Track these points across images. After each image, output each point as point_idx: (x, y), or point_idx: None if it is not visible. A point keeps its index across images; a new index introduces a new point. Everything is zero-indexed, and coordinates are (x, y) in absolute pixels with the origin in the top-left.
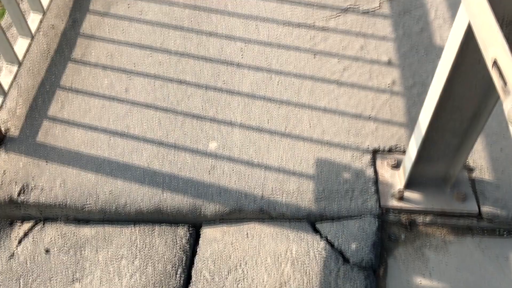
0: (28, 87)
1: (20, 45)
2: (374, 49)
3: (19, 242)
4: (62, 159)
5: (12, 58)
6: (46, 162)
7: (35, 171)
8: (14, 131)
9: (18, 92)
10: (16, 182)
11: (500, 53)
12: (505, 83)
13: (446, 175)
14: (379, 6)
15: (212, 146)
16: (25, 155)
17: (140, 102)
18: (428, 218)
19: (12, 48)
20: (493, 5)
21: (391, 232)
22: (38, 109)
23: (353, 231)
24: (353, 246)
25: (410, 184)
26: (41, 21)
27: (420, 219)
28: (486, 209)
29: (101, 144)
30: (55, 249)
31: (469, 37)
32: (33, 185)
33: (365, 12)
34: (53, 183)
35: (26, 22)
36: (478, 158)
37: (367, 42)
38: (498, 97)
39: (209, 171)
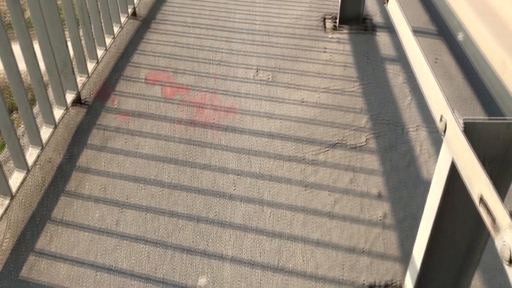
0: (18, 220)
1: (15, 179)
2: (363, 182)
3: None
4: None
5: (5, 191)
6: None
7: None
8: None
9: (7, 225)
10: None
11: (485, 190)
12: (493, 219)
13: None
14: (366, 141)
15: (202, 281)
16: None
17: (130, 235)
18: None
19: (7, 182)
20: (473, 144)
21: None
22: (25, 242)
23: None
24: None
25: None
26: (38, 156)
27: None
28: None
29: (86, 279)
30: None
31: (454, 173)
32: None
33: (353, 147)
34: None
35: (24, 156)
36: None
37: (356, 175)
38: (489, 233)
39: None
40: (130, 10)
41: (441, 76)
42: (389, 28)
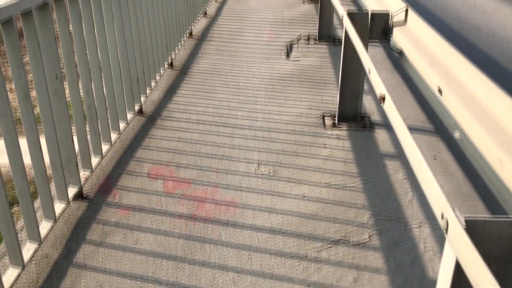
0: None
1: (9, 275)
2: (368, 281)
3: None
4: None
5: None
6: None
7: None
8: None
9: None
10: None
11: None
12: None
13: None
14: (369, 238)
15: None
16: None
17: None
18: None
19: (0, 279)
20: (476, 243)
21: None
22: None
23: None
24: None
25: None
26: (35, 251)
27: None
28: None
29: None
30: None
31: (459, 272)
32: None
33: (356, 244)
34: None
35: (20, 252)
36: None
37: (361, 274)
38: None
39: None
40: (136, 108)
41: (441, 172)
42: (387, 125)
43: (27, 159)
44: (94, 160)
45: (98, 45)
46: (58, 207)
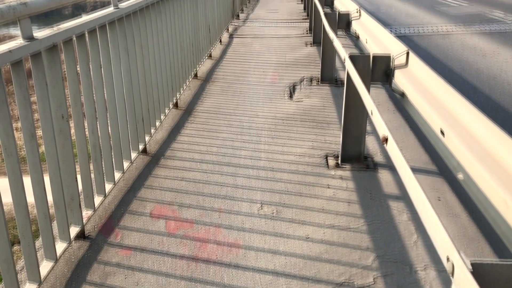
0: None
1: None
2: None
3: None
4: None
5: None
6: None
7: None
8: None
9: None
10: None
11: None
12: None
13: None
14: (374, 281)
15: None
16: None
17: None
18: None
19: None
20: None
21: None
22: None
23: None
24: None
25: None
26: None
27: None
28: None
29: None
30: None
31: None
32: None
33: (361, 287)
34: None
35: None
36: None
37: None
38: None
39: None
40: (141, 147)
41: (445, 214)
42: (390, 166)
43: (30, 198)
44: (97, 200)
45: (104, 85)
46: (60, 246)
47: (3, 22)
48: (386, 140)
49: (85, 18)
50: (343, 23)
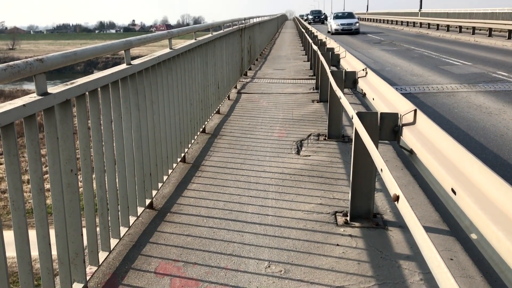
0: None
1: None
2: None
3: None
4: None
5: None
6: None
7: None
8: None
9: None
10: None
11: None
12: None
13: None
14: None
15: None
16: None
17: None
18: None
19: None
20: None
21: None
22: None
23: None
24: None
25: None
26: None
27: None
28: None
29: None
30: None
31: None
32: None
33: None
34: None
35: None
36: None
37: None
38: None
39: None
40: (147, 202)
41: (459, 275)
42: (401, 224)
43: (33, 251)
44: (102, 256)
45: (114, 139)
46: None
47: (20, 78)
48: (397, 198)
49: (99, 74)
50: (349, 81)
